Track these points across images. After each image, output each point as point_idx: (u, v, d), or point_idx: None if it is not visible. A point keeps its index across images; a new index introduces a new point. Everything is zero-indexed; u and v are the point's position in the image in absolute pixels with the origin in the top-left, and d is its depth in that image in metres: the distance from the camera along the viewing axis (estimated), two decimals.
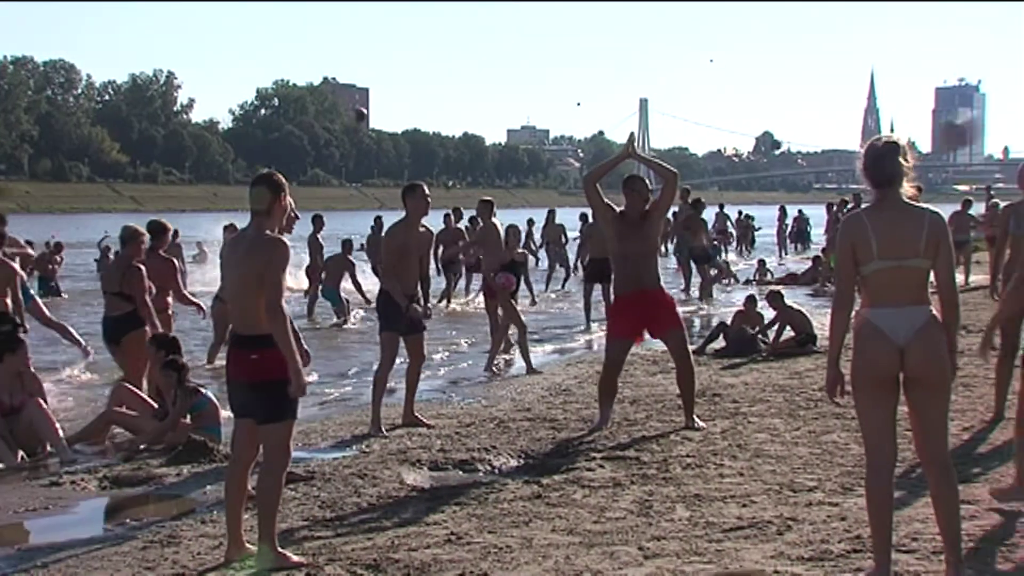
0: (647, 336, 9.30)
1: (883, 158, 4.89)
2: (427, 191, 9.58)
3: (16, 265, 10.31)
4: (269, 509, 5.76)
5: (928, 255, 4.83)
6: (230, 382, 5.88)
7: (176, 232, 20.85)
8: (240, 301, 5.76)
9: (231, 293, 5.88)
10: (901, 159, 4.88)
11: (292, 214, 6.68)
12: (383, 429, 9.20)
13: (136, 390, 9.78)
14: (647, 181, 9.47)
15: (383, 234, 10.15)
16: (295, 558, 5.71)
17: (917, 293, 4.86)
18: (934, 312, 4.88)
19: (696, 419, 8.99)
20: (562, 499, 6.79)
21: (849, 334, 4.98)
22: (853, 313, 5.00)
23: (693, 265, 22.28)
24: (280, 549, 5.75)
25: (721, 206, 34.03)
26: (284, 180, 5.96)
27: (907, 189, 4.91)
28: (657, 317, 8.98)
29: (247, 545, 5.87)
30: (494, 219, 13.87)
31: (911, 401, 4.92)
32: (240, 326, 5.78)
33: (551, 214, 27.47)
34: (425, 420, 9.55)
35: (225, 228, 19.84)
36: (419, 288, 9.54)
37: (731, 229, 39.47)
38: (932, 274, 4.89)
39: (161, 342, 9.64)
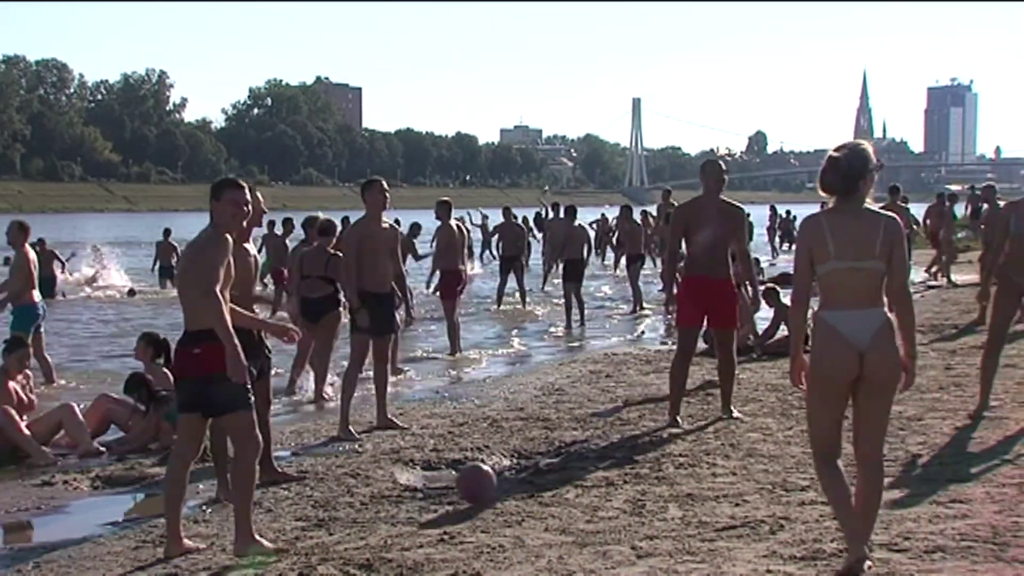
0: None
1: (858, 178, 4.96)
2: (386, 187, 9.63)
3: None
4: (245, 500, 5.86)
5: (883, 257, 4.93)
6: (176, 380, 6.04)
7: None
8: (183, 298, 5.95)
9: (178, 292, 6.07)
10: (865, 165, 4.98)
11: (260, 208, 7.06)
12: (353, 432, 9.13)
13: (118, 396, 9.80)
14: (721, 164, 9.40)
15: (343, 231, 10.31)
16: (269, 544, 5.84)
17: (872, 295, 4.96)
18: (888, 315, 4.97)
19: (733, 410, 9.16)
20: (555, 498, 6.79)
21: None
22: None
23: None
24: (257, 537, 5.86)
25: None
26: (226, 184, 6.10)
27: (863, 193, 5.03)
28: (716, 308, 9.12)
29: (186, 541, 5.97)
30: (452, 220, 14.42)
31: (858, 400, 5.03)
32: (186, 323, 5.94)
33: (556, 208, 26.19)
34: (399, 423, 9.49)
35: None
36: (396, 287, 9.63)
37: None
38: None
39: (150, 340, 9.84)
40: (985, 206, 18.97)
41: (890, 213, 5.12)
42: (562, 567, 5.38)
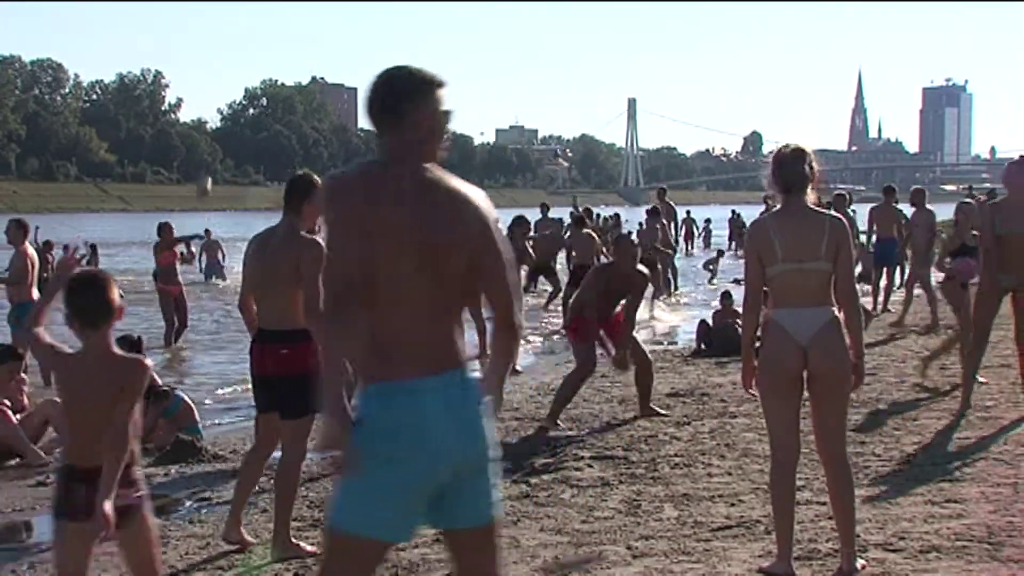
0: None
1: (790, 165, 5.08)
2: None
3: None
4: (286, 500, 5.92)
5: (829, 258, 5.01)
6: (255, 377, 5.97)
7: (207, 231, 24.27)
8: (270, 296, 5.83)
9: (259, 288, 5.93)
10: (807, 166, 5.08)
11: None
12: None
13: None
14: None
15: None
16: (309, 547, 5.83)
17: (819, 295, 5.04)
18: (836, 313, 5.04)
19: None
20: (550, 499, 6.79)
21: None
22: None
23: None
24: (294, 540, 5.89)
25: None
26: (318, 181, 5.99)
27: (810, 196, 5.13)
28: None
29: (244, 533, 6.06)
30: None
31: (812, 398, 5.10)
32: (268, 321, 5.85)
33: (544, 209, 25.43)
34: None
35: None
36: None
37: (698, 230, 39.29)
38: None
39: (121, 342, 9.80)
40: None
41: (835, 214, 5.25)
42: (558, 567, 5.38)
